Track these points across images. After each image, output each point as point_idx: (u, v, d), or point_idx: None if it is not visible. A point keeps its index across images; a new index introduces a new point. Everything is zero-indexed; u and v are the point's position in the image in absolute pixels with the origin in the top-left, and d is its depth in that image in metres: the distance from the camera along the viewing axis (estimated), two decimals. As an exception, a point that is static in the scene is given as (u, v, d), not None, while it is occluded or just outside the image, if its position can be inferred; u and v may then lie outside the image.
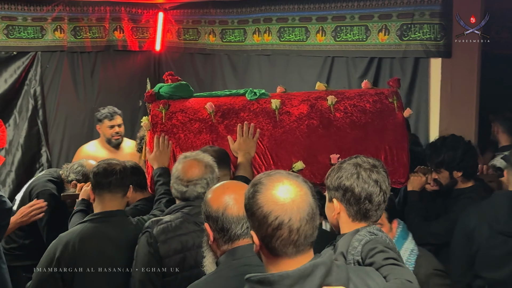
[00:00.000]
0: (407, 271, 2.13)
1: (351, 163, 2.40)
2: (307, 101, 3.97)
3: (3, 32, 6.12)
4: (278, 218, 1.80)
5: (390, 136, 3.94)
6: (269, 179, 1.87)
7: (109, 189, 3.34)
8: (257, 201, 1.84)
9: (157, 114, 3.77)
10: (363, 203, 2.33)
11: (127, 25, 7.03)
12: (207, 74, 6.91)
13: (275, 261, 1.86)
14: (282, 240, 1.81)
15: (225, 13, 6.60)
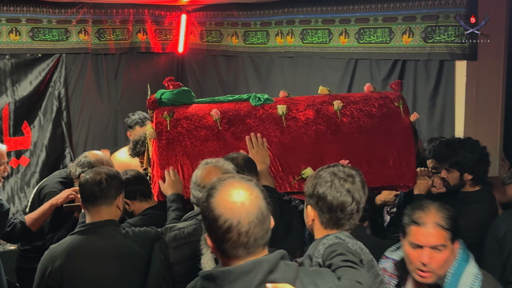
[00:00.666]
0: (361, 273, 2.15)
1: (328, 172, 2.45)
2: (312, 106, 3.91)
3: (29, 34, 6.18)
4: (227, 222, 1.85)
5: (398, 141, 3.91)
6: (221, 183, 1.93)
7: (94, 200, 3.19)
8: (210, 205, 1.89)
9: (162, 121, 3.67)
10: (335, 212, 2.38)
11: (151, 27, 7.07)
12: (230, 76, 6.91)
13: (228, 262, 1.91)
14: (232, 242, 1.87)
15: (248, 15, 6.60)
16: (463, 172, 3.90)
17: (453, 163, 3.90)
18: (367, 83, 5.51)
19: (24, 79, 6.22)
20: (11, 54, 6.12)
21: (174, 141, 3.65)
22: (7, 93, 6.12)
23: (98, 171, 3.28)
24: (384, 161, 3.86)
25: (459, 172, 3.91)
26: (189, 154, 3.65)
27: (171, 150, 3.65)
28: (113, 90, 6.85)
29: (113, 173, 3.33)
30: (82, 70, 6.61)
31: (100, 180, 3.19)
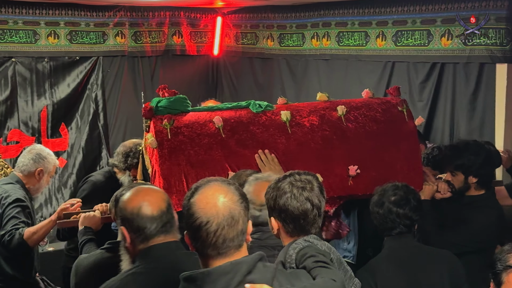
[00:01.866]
0: (334, 272, 2.24)
1: (286, 182, 2.51)
2: (315, 112, 3.79)
3: (67, 37, 6.27)
4: (198, 220, 1.94)
5: (404, 146, 3.84)
6: (204, 185, 2.02)
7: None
8: (188, 204, 2.00)
9: (162, 130, 3.48)
10: (298, 220, 2.45)
11: (186, 29, 7.10)
12: (265, 79, 6.91)
13: (204, 260, 1.99)
14: (201, 241, 1.95)
15: (284, 17, 6.58)
16: (468, 175, 3.85)
17: (458, 166, 3.86)
18: (405, 85, 5.50)
19: (62, 81, 6.31)
20: (49, 57, 6.21)
21: (176, 150, 3.49)
22: (46, 96, 6.21)
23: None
24: (392, 167, 3.78)
25: (464, 175, 3.86)
26: (193, 163, 3.49)
27: (174, 159, 3.48)
28: (149, 92, 6.87)
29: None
30: (119, 72, 6.68)
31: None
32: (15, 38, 5.99)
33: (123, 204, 2.38)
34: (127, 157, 4.44)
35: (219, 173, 3.43)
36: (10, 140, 6.02)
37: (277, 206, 2.47)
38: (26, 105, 6.11)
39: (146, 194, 2.40)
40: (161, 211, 2.34)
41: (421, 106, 5.40)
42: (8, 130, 6.02)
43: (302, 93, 6.41)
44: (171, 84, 6.90)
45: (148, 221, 2.32)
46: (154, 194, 2.40)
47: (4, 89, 5.96)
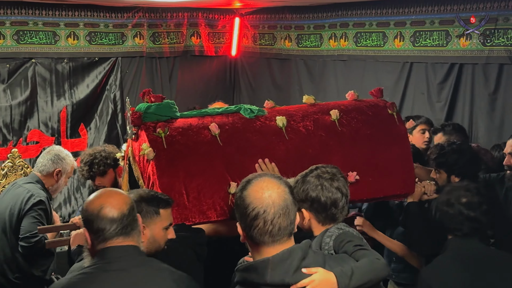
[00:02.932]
0: (374, 252, 2.44)
1: (313, 175, 2.73)
2: (308, 117, 3.68)
3: (86, 38, 6.32)
4: (255, 210, 2.07)
5: (396, 149, 3.78)
6: (255, 179, 2.15)
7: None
8: (242, 196, 2.12)
9: (156, 139, 3.25)
10: (330, 209, 2.67)
11: (204, 30, 7.13)
12: (283, 80, 6.91)
13: (257, 248, 2.12)
14: (258, 229, 2.07)
15: (301, 18, 6.58)
16: (450, 173, 3.91)
17: (440, 163, 3.93)
18: (423, 86, 5.47)
19: (81, 82, 6.36)
20: (69, 57, 6.26)
21: (174, 161, 3.28)
22: (65, 96, 6.27)
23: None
24: (386, 171, 3.71)
25: (447, 173, 3.92)
26: (193, 175, 3.28)
27: (172, 171, 3.26)
28: (167, 93, 6.92)
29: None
30: (137, 73, 6.72)
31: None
32: (35, 39, 6.05)
33: (85, 205, 2.38)
34: (91, 165, 4.19)
35: (221, 184, 3.30)
36: (30, 140, 6.08)
37: (308, 197, 2.67)
38: (45, 105, 6.17)
39: (109, 196, 2.38)
40: (122, 214, 2.33)
41: (439, 107, 5.37)
42: (28, 130, 6.08)
43: (320, 94, 6.40)
44: (189, 84, 7.05)
45: (108, 222, 2.31)
46: (117, 197, 2.38)
47: (24, 90, 6.02)
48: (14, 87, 5.97)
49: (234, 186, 3.30)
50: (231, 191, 3.28)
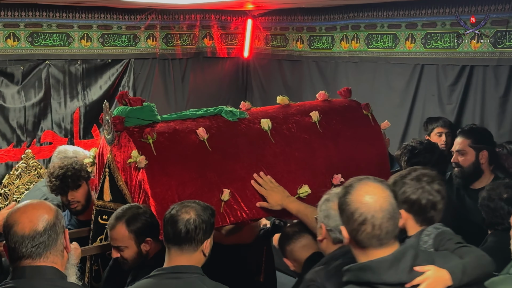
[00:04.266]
0: (477, 249, 2.48)
1: (413, 178, 2.71)
2: (289, 118, 3.61)
3: (99, 40, 6.37)
4: (362, 215, 2.12)
5: (374, 150, 3.82)
6: (358, 183, 2.20)
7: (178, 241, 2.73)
8: (347, 200, 2.16)
9: (144, 145, 3.07)
10: (429, 212, 2.67)
11: (217, 32, 7.16)
12: (295, 81, 6.92)
13: (363, 251, 2.17)
14: (366, 233, 2.13)
15: (313, 20, 6.59)
16: None
17: (415, 163, 3.90)
18: (434, 88, 5.46)
19: (94, 83, 6.40)
20: (82, 59, 6.31)
21: (165, 168, 3.09)
22: (78, 97, 6.31)
23: (189, 209, 2.74)
24: (367, 172, 3.64)
25: None
26: (186, 183, 3.12)
27: (165, 180, 3.08)
28: (179, 95, 6.97)
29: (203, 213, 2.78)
30: (150, 75, 6.75)
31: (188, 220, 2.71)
32: (49, 41, 6.11)
33: (5, 218, 2.23)
34: (64, 179, 3.83)
35: (213, 191, 3.18)
36: (44, 141, 6.14)
37: (408, 200, 2.67)
38: (59, 106, 6.22)
39: (24, 212, 2.20)
40: (35, 232, 2.15)
41: (450, 109, 5.36)
42: (42, 132, 6.14)
43: (331, 95, 6.39)
44: (201, 86, 7.08)
45: (18, 240, 2.15)
46: (33, 212, 2.18)
47: (38, 91, 6.08)
48: (28, 89, 6.02)
49: (227, 193, 3.19)
50: (224, 198, 3.18)
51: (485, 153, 4.13)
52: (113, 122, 3.12)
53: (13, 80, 5.94)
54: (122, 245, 2.99)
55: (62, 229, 2.26)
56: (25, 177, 5.93)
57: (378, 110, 5.88)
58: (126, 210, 3.02)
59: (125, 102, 3.28)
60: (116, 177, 3.24)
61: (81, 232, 3.66)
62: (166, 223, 2.73)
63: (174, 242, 2.68)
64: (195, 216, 2.70)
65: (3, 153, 5.91)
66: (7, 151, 5.92)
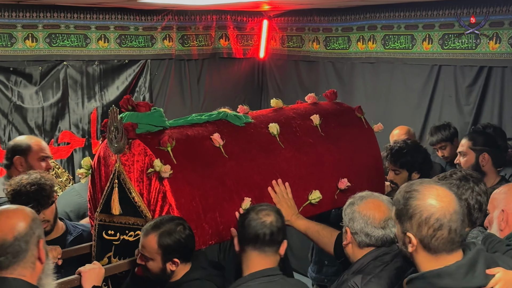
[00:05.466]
0: None
1: (459, 178, 2.73)
2: (291, 122, 3.53)
3: (116, 41, 6.41)
4: (439, 220, 2.07)
5: (370, 152, 3.79)
6: (422, 186, 2.14)
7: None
8: (415, 206, 2.10)
9: (162, 154, 2.89)
10: (475, 213, 2.71)
11: (232, 33, 7.18)
12: (311, 82, 6.92)
13: (434, 257, 2.11)
14: (442, 238, 2.08)
15: (329, 20, 6.58)
16: (412, 171, 4.01)
17: (403, 163, 4.00)
18: (451, 89, 5.43)
19: (111, 84, 6.44)
20: (99, 60, 6.34)
21: (188, 177, 2.92)
22: (96, 98, 6.35)
23: (268, 212, 2.74)
24: (365, 175, 3.67)
25: (408, 172, 4.01)
26: (208, 193, 2.97)
27: (189, 190, 2.92)
28: (195, 95, 7.00)
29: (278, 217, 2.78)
30: (166, 75, 6.78)
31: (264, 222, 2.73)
32: (66, 42, 6.15)
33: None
34: (40, 199, 3.40)
35: (234, 200, 3.06)
36: (61, 141, 6.18)
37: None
38: (76, 107, 6.26)
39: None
40: (3, 241, 2.08)
41: (467, 110, 5.34)
42: (59, 132, 6.18)
43: (347, 96, 6.41)
44: (217, 86, 7.10)
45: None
46: (6, 221, 2.11)
47: (56, 92, 6.12)
48: (46, 89, 6.06)
49: (248, 201, 3.09)
50: (245, 207, 3.05)
51: (486, 156, 4.13)
52: (126, 128, 2.88)
53: (31, 80, 5.99)
54: (149, 256, 2.83)
55: (37, 239, 2.15)
56: (43, 177, 5.96)
57: (395, 111, 5.92)
58: (165, 222, 2.80)
59: (131, 107, 3.04)
60: (128, 189, 2.97)
61: (80, 249, 3.32)
62: (246, 228, 2.73)
63: (257, 246, 2.70)
64: (275, 217, 2.75)
65: (21, 153, 5.94)
66: (26, 151, 5.96)
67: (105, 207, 3.07)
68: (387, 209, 2.77)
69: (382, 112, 6.04)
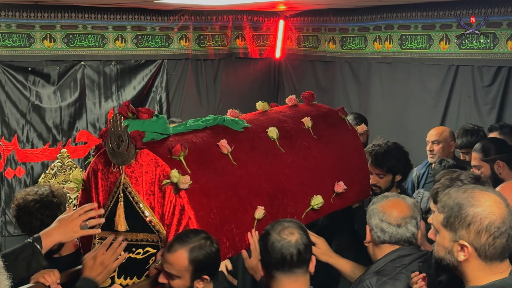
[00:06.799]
0: None
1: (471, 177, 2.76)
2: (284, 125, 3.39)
3: (133, 41, 6.44)
4: (500, 228, 2.00)
5: (356, 153, 3.72)
6: (477, 193, 2.06)
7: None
8: (474, 213, 2.02)
9: (174, 163, 2.69)
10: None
11: (249, 33, 7.18)
12: (327, 82, 6.91)
13: (486, 266, 2.04)
14: (500, 247, 2.02)
15: (346, 20, 6.57)
16: (396, 173, 3.93)
17: (390, 167, 3.91)
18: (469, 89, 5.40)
19: (128, 84, 6.47)
20: (116, 60, 6.38)
21: (204, 188, 2.74)
22: (113, 98, 6.39)
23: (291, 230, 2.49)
24: (355, 178, 3.60)
25: (392, 174, 3.92)
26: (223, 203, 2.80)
27: (206, 202, 2.74)
28: (212, 95, 7.01)
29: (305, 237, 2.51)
30: (183, 75, 6.80)
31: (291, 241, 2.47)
32: (84, 42, 6.19)
33: None
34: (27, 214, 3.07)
35: (247, 209, 2.91)
36: (79, 140, 6.23)
37: None
38: (94, 107, 6.31)
39: None
40: None
41: (486, 110, 5.31)
42: (77, 131, 6.22)
43: (364, 97, 6.40)
44: (233, 86, 7.10)
45: None
46: None
47: (73, 92, 6.17)
48: (64, 89, 6.12)
49: (261, 210, 2.93)
50: (259, 217, 2.92)
51: (500, 163, 4.05)
52: (133, 137, 2.64)
53: (49, 80, 6.04)
54: (175, 274, 2.56)
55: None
56: (61, 176, 6.02)
57: (412, 111, 5.89)
58: (192, 236, 2.57)
59: (132, 115, 2.79)
60: (136, 203, 2.72)
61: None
62: (270, 252, 2.45)
63: (286, 269, 2.42)
64: (299, 234, 2.47)
65: (39, 152, 6.01)
66: (43, 151, 6.02)
67: (106, 224, 2.77)
68: (407, 209, 2.76)
69: (399, 113, 6.02)
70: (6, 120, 5.84)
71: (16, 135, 5.89)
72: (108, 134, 2.67)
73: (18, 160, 5.90)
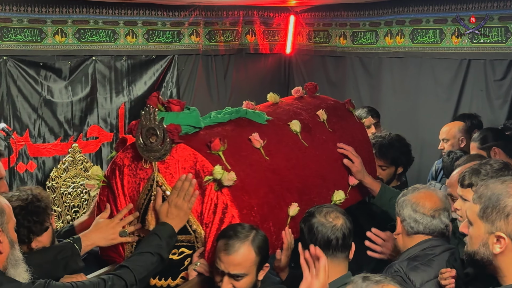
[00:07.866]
0: None
1: (499, 165, 2.73)
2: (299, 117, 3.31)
3: (144, 36, 6.45)
4: None
5: (365, 147, 3.69)
6: (511, 185, 2.01)
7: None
8: (510, 205, 1.96)
9: (213, 159, 2.59)
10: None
11: (259, 28, 7.18)
12: (338, 77, 6.89)
13: None
14: None
15: (357, 15, 6.55)
16: (399, 165, 3.96)
17: (394, 159, 3.92)
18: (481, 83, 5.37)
19: (139, 79, 6.48)
20: (127, 55, 6.39)
21: (244, 185, 2.64)
22: (124, 93, 6.40)
23: (336, 214, 2.49)
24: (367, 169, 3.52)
25: (395, 167, 3.94)
26: (261, 200, 2.71)
27: (247, 199, 2.64)
28: (222, 90, 7.01)
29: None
30: (193, 70, 6.80)
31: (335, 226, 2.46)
32: (95, 37, 6.20)
33: None
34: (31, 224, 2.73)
35: (281, 206, 2.83)
36: (90, 135, 6.24)
37: None
38: (105, 101, 6.32)
39: None
40: None
41: (498, 104, 5.29)
42: (88, 126, 6.23)
43: (375, 92, 6.38)
44: (244, 82, 7.10)
45: None
46: None
47: (84, 86, 6.18)
48: (75, 84, 6.13)
49: (295, 207, 2.85)
50: (293, 213, 2.84)
51: (496, 150, 4.06)
52: (170, 131, 2.52)
53: (60, 75, 6.05)
54: (243, 272, 2.44)
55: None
56: (72, 170, 6.03)
57: (424, 106, 5.87)
58: (241, 230, 2.47)
59: (162, 106, 2.68)
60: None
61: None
62: (315, 234, 2.43)
63: (329, 253, 2.41)
64: (344, 219, 2.48)
65: (51, 147, 6.02)
66: (55, 145, 6.04)
67: (142, 223, 2.72)
68: (440, 200, 2.75)
69: (411, 108, 6.00)
70: (18, 115, 5.85)
71: (27, 129, 5.90)
72: (139, 128, 2.55)
73: (29, 154, 5.92)
